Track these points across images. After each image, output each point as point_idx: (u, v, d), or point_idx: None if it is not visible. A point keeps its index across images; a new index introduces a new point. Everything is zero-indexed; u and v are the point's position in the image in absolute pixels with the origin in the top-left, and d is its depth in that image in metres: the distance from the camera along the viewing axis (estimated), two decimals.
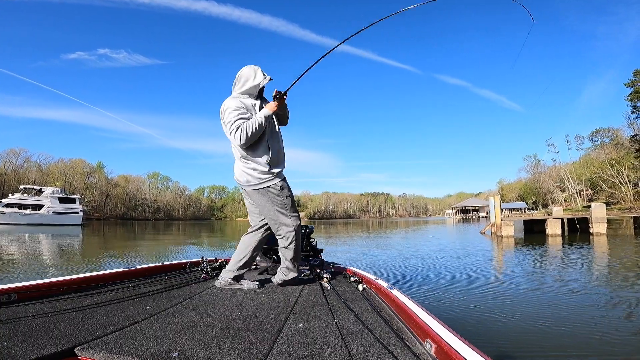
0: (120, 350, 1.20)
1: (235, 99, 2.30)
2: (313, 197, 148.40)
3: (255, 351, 1.26)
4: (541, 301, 5.47)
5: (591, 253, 13.00)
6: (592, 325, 4.27)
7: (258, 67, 2.38)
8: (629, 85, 39.38)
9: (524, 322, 4.33)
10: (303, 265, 3.06)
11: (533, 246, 15.56)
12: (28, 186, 40.99)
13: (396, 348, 1.30)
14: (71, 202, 39.63)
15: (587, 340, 3.77)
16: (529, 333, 3.97)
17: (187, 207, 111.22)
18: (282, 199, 2.33)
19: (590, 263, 10.56)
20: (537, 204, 56.23)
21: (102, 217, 78.23)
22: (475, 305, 5.13)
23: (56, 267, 9.26)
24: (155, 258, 11.75)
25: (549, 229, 21.01)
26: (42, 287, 1.84)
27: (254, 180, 2.32)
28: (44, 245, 15.53)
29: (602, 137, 54.78)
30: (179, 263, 3.00)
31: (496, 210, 21.70)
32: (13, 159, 69.45)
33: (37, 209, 36.73)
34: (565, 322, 4.34)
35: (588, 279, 7.81)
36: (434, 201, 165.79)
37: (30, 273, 8.09)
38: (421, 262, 10.06)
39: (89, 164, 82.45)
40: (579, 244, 16.11)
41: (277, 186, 2.32)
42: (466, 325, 4.14)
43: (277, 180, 2.33)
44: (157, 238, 23.36)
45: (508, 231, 20.50)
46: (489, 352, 1.20)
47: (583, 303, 5.35)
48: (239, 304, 1.95)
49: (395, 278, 7.31)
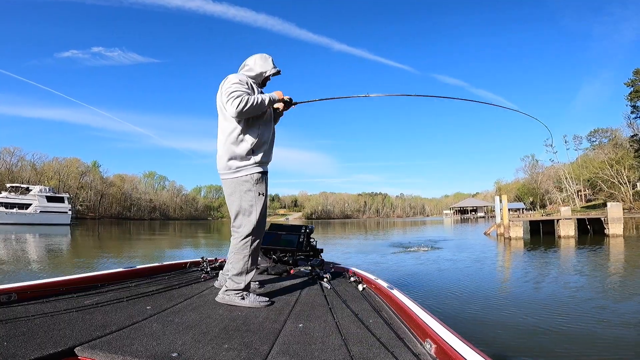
0: (120, 350, 1.20)
1: (241, 75, 2.18)
2: (310, 197, 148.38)
3: (255, 351, 1.26)
4: (549, 305, 5.26)
5: (613, 255, 12.16)
6: (598, 329, 4.12)
7: (270, 56, 2.30)
8: (628, 84, 39.07)
9: (525, 323, 4.31)
10: (303, 265, 3.07)
11: (546, 249, 14.48)
12: (15, 184, 39.63)
13: (396, 348, 1.31)
14: (60, 201, 38.45)
15: (590, 344, 3.69)
16: (530, 333, 3.96)
17: (183, 207, 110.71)
18: (252, 194, 2.07)
19: (612, 265, 9.83)
20: (534, 204, 56.51)
21: (96, 216, 77.39)
22: (475, 305, 5.13)
23: (35, 271, 8.41)
24: (149, 259, 11.38)
25: (561, 230, 19.49)
26: (42, 287, 1.84)
27: (233, 166, 2.10)
28: (29, 246, 14.84)
29: (601, 137, 54.84)
30: (178, 263, 2.99)
31: (504, 210, 20.39)
32: (7, 158, 68.95)
33: (24, 208, 35.54)
34: (569, 325, 4.25)
35: (602, 283, 7.35)
36: (431, 201, 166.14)
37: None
38: (430, 265, 9.48)
39: (84, 163, 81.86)
40: (596, 246, 14.89)
41: (254, 177, 2.08)
42: (466, 325, 4.14)
43: (256, 171, 2.10)
44: (151, 238, 22.84)
45: (517, 232, 19.15)
46: (489, 352, 1.20)
47: (593, 307, 5.11)
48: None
49: (398, 280, 7.18)
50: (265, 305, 1.94)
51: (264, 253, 3.42)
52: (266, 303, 1.96)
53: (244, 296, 1.98)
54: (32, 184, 46.12)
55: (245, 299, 1.97)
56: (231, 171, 2.11)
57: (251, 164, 2.09)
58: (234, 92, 2.01)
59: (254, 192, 2.08)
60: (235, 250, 2.06)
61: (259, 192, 2.09)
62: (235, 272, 2.02)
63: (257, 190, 2.09)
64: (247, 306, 1.92)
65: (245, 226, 2.06)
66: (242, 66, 2.28)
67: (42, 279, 1.97)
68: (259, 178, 2.10)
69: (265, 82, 2.34)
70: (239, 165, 2.09)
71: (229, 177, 2.12)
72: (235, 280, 2.00)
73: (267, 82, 2.35)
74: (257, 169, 2.10)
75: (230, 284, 2.01)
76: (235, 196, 2.10)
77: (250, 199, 2.07)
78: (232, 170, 2.10)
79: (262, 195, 2.10)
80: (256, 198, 2.08)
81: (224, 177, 2.15)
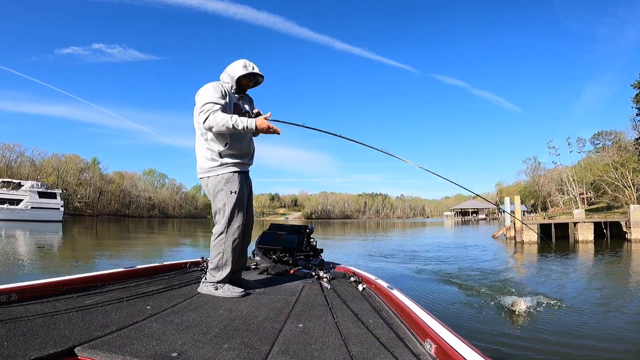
0: (120, 350, 1.20)
1: (216, 82, 2.22)
2: (310, 197, 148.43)
3: (255, 351, 1.26)
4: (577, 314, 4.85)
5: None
6: (606, 336, 3.94)
7: (249, 62, 2.29)
8: (635, 86, 37.78)
9: (526, 325, 4.28)
10: (303, 265, 3.07)
11: (562, 253, 13.16)
12: (7, 180, 38.42)
13: (396, 348, 1.31)
14: (51, 197, 37.38)
15: (593, 346, 3.61)
16: (531, 334, 3.94)
17: (183, 205, 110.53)
18: (224, 193, 2.14)
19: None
20: (535, 206, 56.40)
21: (94, 213, 76.88)
22: (477, 305, 5.10)
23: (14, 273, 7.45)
24: (147, 258, 10.96)
25: (579, 235, 18.28)
26: (42, 287, 1.83)
27: (206, 167, 2.18)
28: (15, 244, 13.93)
29: (605, 140, 53.95)
30: (178, 263, 2.99)
31: (516, 212, 19.41)
32: (7, 153, 68.90)
33: (15, 203, 34.49)
34: (573, 327, 4.15)
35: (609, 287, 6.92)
36: (431, 203, 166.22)
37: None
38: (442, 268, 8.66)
39: (83, 159, 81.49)
40: (619, 251, 13.97)
41: (224, 178, 2.14)
42: (466, 326, 4.12)
43: (227, 171, 2.15)
44: (150, 236, 22.48)
45: (530, 236, 17.94)
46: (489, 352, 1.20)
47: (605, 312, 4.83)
48: (239, 304, 1.95)
49: (398, 280, 7.01)
50: (240, 296, 2.07)
51: (264, 253, 3.42)
52: (240, 294, 2.09)
53: (217, 287, 2.14)
54: (31, 180, 45.20)
55: (218, 289, 2.13)
56: (204, 171, 2.21)
57: (222, 165, 2.18)
58: (207, 104, 2.07)
59: (225, 191, 2.16)
60: (212, 247, 2.20)
61: (230, 191, 2.16)
62: (212, 266, 2.18)
63: (228, 189, 2.16)
64: (221, 296, 2.08)
65: (218, 224, 2.18)
66: (224, 71, 2.32)
67: (42, 279, 1.97)
68: (230, 177, 2.17)
69: (243, 85, 2.34)
70: (211, 166, 2.18)
71: (203, 176, 2.24)
72: (212, 274, 2.17)
73: (246, 86, 2.35)
74: (229, 169, 2.18)
75: (208, 276, 2.19)
76: (211, 195, 2.21)
77: (222, 197, 2.16)
78: (204, 171, 2.21)
79: (234, 194, 2.16)
80: (228, 197, 2.15)
81: (200, 177, 2.27)
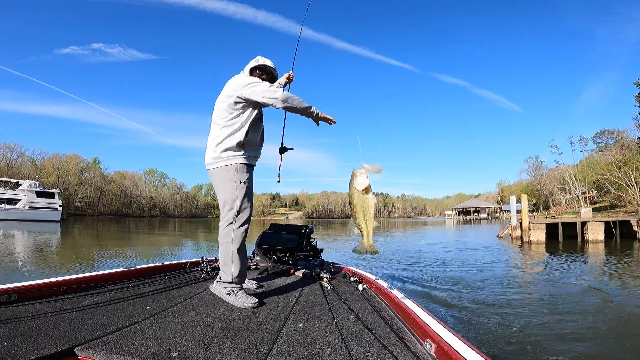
0: (120, 350, 1.20)
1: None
2: (311, 196, 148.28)
3: (255, 351, 1.26)
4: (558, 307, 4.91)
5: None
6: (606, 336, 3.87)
7: (263, 57, 2.38)
8: (638, 84, 37.66)
9: (527, 325, 4.25)
10: (303, 265, 3.07)
11: (575, 254, 12.60)
12: (4, 179, 37.81)
13: (396, 348, 1.31)
14: (49, 196, 36.81)
15: (594, 347, 3.56)
16: (531, 335, 3.92)
17: (183, 205, 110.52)
18: (234, 182, 2.11)
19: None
20: (537, 206, 56.22)
21: (95, 213, 76.68)
22: (476, 305, 5.09)
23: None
24: (147, 258, 10.68)
25: (589, 234, 17.64)
26: (42, 287, 1.84)
27: (222, 157, 2.15)
28: (16, 244, 13.57)
29: (607, 139, 53.77)
30: (179, 263, 2.99)
31: (523, 211, 18.73)
32: (7, 153, 68.99)
33: (13, 203, 33.97)
34: (574, 328, 4.09)
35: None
36: (432, 202, 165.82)
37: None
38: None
39: (84, 159, 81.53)
40: (632, 251, 13.45)
41: (234, 168, 2.13)
42: (466, 326, 4.12)
43: (237, 162, 2.14)
44: (150, 236, 22.27)
45: (538, 236, 17.59)
46: (489, 352, 1.20)
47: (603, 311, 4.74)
48: None
49: (400, 280, 6.87)
50: (253, 307, 1.88)
51: (264, 253, 3.42)
52: (253, 305, 1.89)
53: (231, 292, 1.97)
54: (31, 179, 45.03)
55: (231, 295, 1.96)
56: (214, 161, 2.16)
57: (235, 155, 2.15)
58: (270, 86, 2.13)
59: (235, 181, 2.11)
60: (220, 238, 2.09)
61: (240, 181, 2.13)
62: (222, 261, 2.06)
63: (238, 178, 2.12)
64: (232, 303, 1.92)
65: (227, 214, 2.10)
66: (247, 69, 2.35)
67: (42, 279, 1.97)
68: (240, 168, 2.14)
69: (274, 76, 2.45)
70: (224, 156, 2.15)
71: (213, 167, 2.17)
72: (224, 270, 2.04)
73: (274, 75, 2.45)
74: (239, 159, 2.15)
75: (222, 274, 2.05)
76: (221, 185, 2.15)
77: (232, 187, 2.11)
78: (214, 160, 2.16)
79: (243, 184, 2.14)
80: (237, 187, 2.12)
81: (210, 167, 2.20)
